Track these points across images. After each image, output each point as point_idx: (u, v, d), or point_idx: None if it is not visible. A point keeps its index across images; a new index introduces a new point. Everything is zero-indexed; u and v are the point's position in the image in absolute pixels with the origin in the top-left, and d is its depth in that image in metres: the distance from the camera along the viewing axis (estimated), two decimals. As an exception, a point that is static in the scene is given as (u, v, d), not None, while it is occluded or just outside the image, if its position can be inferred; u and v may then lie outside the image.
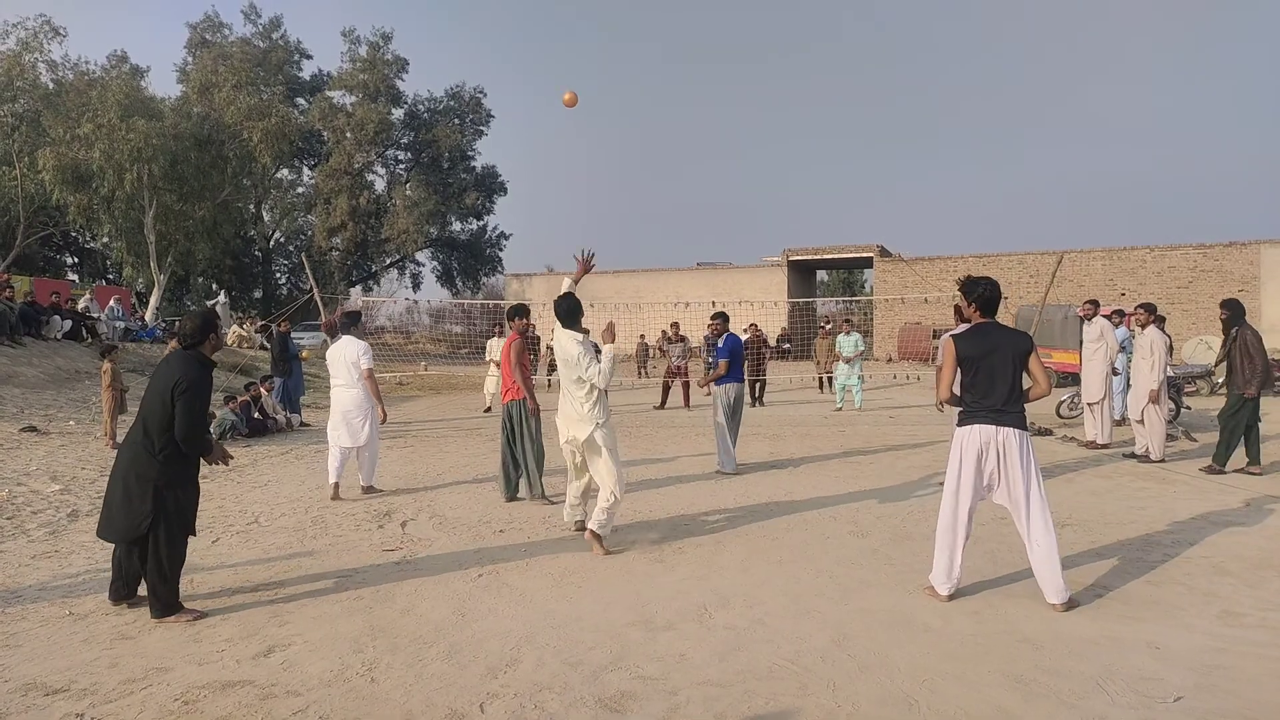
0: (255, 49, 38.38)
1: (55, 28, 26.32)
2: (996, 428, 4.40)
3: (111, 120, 23.54)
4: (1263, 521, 6.22)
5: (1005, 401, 4.40)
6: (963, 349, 4.51)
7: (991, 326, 4.57)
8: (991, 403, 4.41)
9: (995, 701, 3.33)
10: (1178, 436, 10.53)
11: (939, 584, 4.56)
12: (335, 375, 7.66)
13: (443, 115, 42.05)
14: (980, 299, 4.61)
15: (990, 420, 4.41)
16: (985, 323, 4.59)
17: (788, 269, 36.96)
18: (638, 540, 5.90)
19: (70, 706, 3.35)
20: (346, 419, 7.54)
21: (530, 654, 3.86)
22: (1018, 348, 4.46)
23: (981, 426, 4.43)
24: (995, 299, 4.64)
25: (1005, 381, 4.40)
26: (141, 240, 25.80)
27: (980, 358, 4.46)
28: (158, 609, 4.33)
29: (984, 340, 4.49)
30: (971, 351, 4.48)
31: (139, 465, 4.36)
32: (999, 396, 4.40)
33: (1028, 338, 4.56)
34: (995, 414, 4.40)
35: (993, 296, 4.63)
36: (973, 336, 4.54)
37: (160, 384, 4.40)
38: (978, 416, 4.46)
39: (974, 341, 4.50)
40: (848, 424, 12.92)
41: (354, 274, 43.23)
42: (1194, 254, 29.41)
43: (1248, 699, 3.34)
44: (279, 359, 13.34)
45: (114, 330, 18.77)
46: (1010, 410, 4.41)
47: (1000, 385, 4.40)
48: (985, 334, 4.52)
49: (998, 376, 4.41)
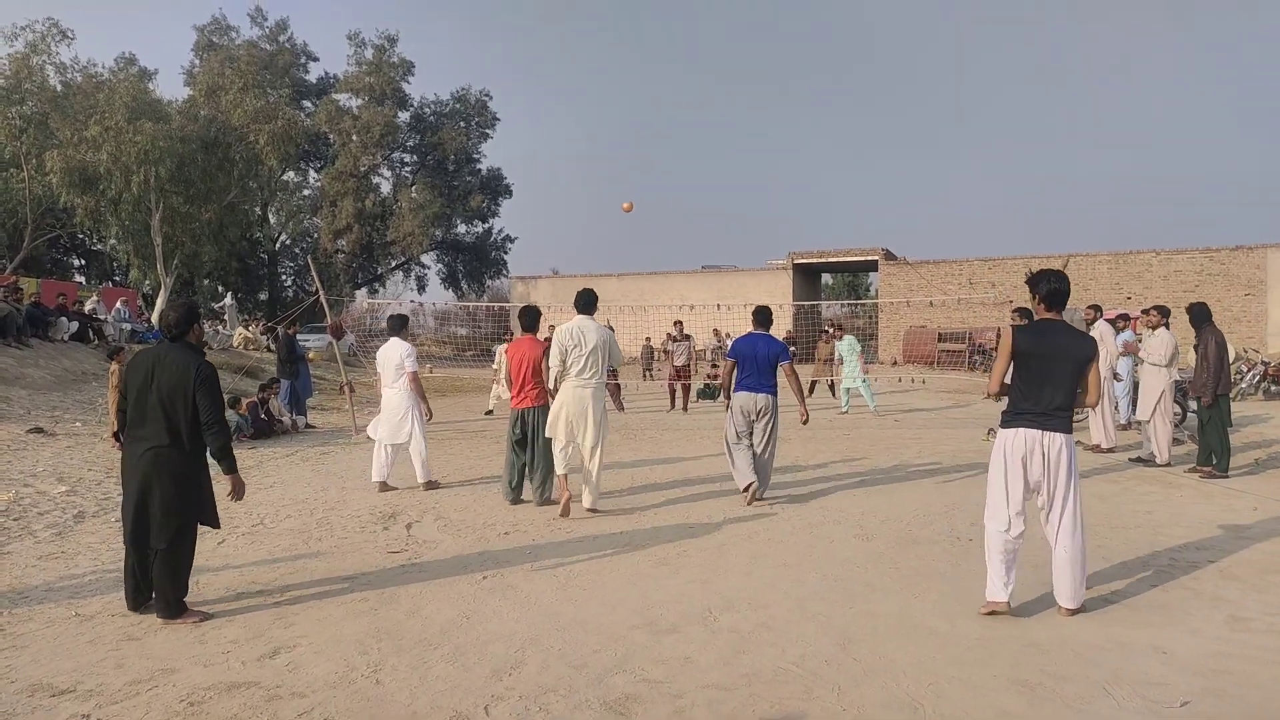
0: (262, 52, 38.47)
1: (63, 30, 26.38)
2: (1043, 432, 4.20)
3: (119, 122, 23.61)
4: (1270, 526, 6.19)
5: (1055, 406, 4.20)
6: (1021, 343, 4.27)
7: (1057, 326, 4.32)
8: (1041, 406, 4.20)
9: (1001, 706, 3.32)
10: (1184, 440, 10.50)
11: (995, 594, 4.30)
12: (383, 376, 8.02)
13: (448, 118, 42.10)
14: (1048, 293, 4.34)
15: (1036, 424, 4.21)
16: (1050, 320, 4.35)
17: (793, 272, 36.91)
18: (642, 543, 5.90)
19: (76, 707, 3.36)
20: (389, 417, 7.88)
21: (535, 656, 3.86)
22: (1080, 353, 4.23)
23: (1027, 431, 4.22)
24: (1064, 294, 4.36)
25: (1059, 386, 4.20)
26: (148, 242, 25.85)
27: (1037, 356, 4.23)
28: (166, 610, 4.32)
29: (1045, 338, 4.25)
30: (1029, 347, 4.25)
31: (173, 467, 4.32)
32: (1049, 400, 4.19)
33: (1093, 343, 4.32)
34: (1042, 417, 4.20)
35: (1060, 291, 4.34)
36: (1034, 332, 4.32)
37: (173, 379, 4.30)
38: (1024, 419, 4.25)
39: (1034, 338, 4.28)
40: (852, 427, 12.90)
41: (359, 276, 43.30)
42: (1200, 258, 29.32)
43: (1254, 704, 3.32)
44: (285, 361, 13.38)
45: (120, 332, 18.84)
46: (1059, 415, 4.22)
47: (1052, 390, 4.19)
48: (1047, 332, 4.29)
49: (1053, 380, 4.19)
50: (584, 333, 6.57)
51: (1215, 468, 8.12)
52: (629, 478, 8.46)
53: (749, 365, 7.14)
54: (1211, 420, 8.13)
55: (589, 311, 6.75)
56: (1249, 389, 16.19)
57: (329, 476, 8.72)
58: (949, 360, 28.05)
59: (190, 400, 4.30)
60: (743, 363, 7.18)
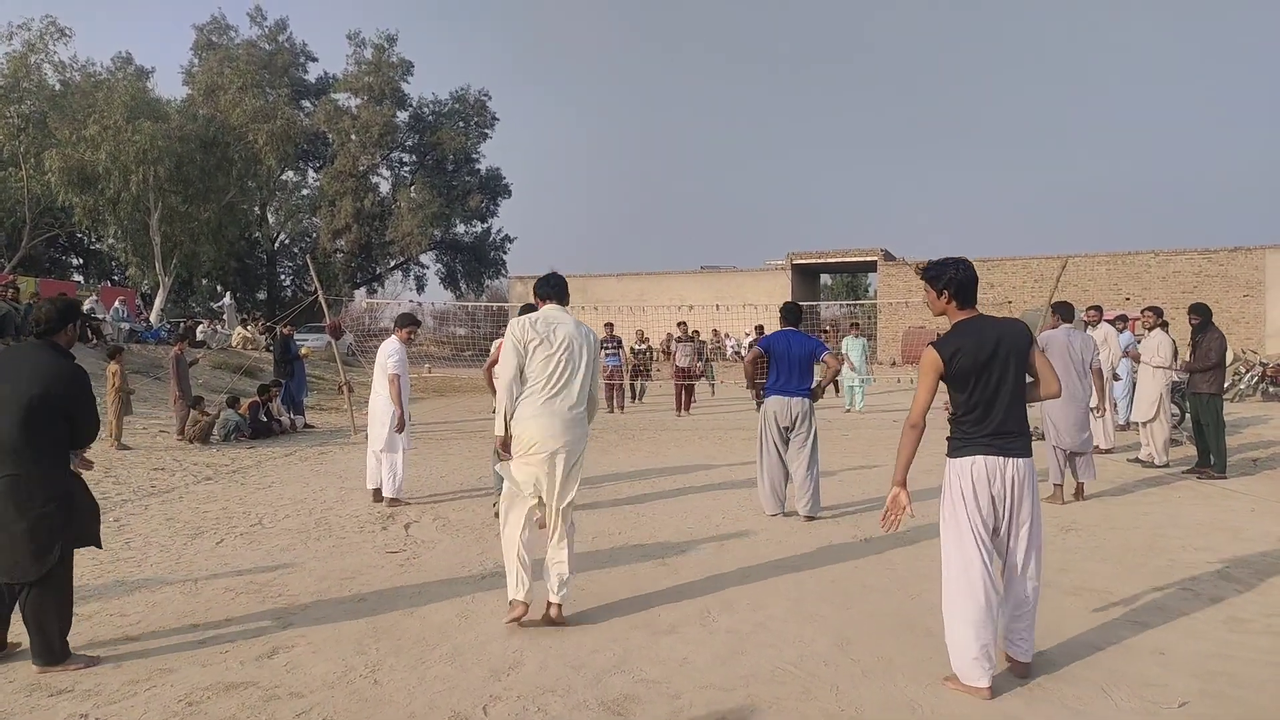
0: (261, 51, 38.48)
1: (61, 29, 26.36)
2: (1004, 458, 3.39)
3: (117, 122, 23.61)
4: (1268, 528, 6.20)
5: (1008, 420, 3.40)
6: (951, 357, 3.39)
7: (981, 322, 3.46)
8: (995, 425, 3.39)
9: (999, 707, 3.32)
10: (1182, 441, 10.51)
11: (967, 674, 3.37)
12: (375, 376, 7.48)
13: (447, 118, 42.10)
14: (954, 284, 3.46)
15: (994, 449, 3.39)
16: (972, 318, 3.47)
17: (792, 272, 36.94)
18: (640, 544, 5.90)
19: (75, 707, 3.35)
20: (373, 422, 7.36)
21: (533, 656, 3.85)
22: (1018, 344, 3.41)
23: (986, 458, 3.40)
24: (973, 281, 3.49)
25: (1007, 395, 3.39)
26: (147, 242, 25.85)
27: (974, 368, 3.37)
28: (45, 655, 3.64)
29: (976, 341, 3.38)
30: (965, 360, 3.37)
31: (27, 487, 3.61)
32: (1000, 415, 3.39)
33: (1024, 328, 3.50)
34: (1001, 439, 3.39)
35: (969, 279, 3.47)
36: (961, 338, 3.42)
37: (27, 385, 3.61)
38: (976, 445, 3.41)
39: (966, 345, 3.39)
40: (851, 428, 12.91)
41: (358, 276, 43.28)
42: (1199, 259, 29.37)
43: (1253, 705, 3.32)
44: (280, 361, 13.40)
45: (119, 332, 18.83)
46: (1019, 432, 3.42)
47: (1002, 400, 3.39)
48: (975, 332, 3.41)
49: (1000, 388, 3.39)
50: (553, 326, 4.32)
51: (1213, 468, 8.14)
52: (627, 478, 8.46)
53: (783, 365, 6.51)
54: (1210, 422, 8.15)
55: (561, 300, 4.53)
56: (1247, 390, 16.20)
57: (327, 476, 8.72)
58: (948, 361, 27.99)
59: (53, 409, 3.66)
60: (776, 363, 6.53)
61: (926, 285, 3.56)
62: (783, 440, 6.63)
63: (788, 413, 6.55)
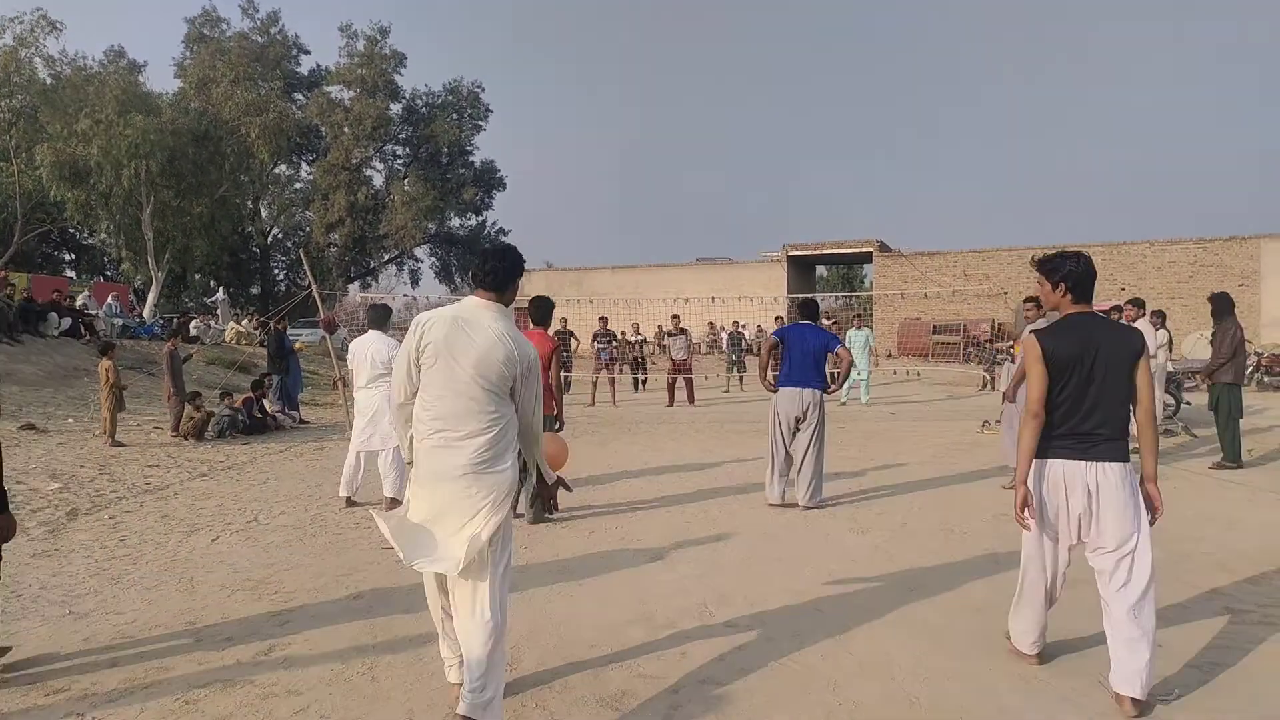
0: (253, 44, 38.26)
1: (52, 22, 26.13)
2: (1086, 463, 3.29)
3: (109, 116, 23.45)
4: (1265, 518, 6.22)
5: (1102, 425, 3.29)
6: (1054, 349, 3.31)
7: (1091, 320, 3.38)
8: (1085, 426, 3.30)
9: (997, 700, 3.33)
10: (1177, 432, 10.54)
11: (1022, 643, 3.68)
12: (357, 374, 6.94)
13: (441, 110, 41.91)
14: (1071, 278, 3.40)
15: (1076, 453, 3.30)
16: (1082, 313, 3.40)
17: (787, 264, 36.89)
18: (638, 539, 5.89)
19: (71, 706, 3.34)
20: (375, 421, 6.84)
21: (531, 652, 3.85)
22: (1126, 349, 3.30)
23: (1065, 462, 3.31)
24: (1091, 278, 3.44)
25: (1106, 397, 3.29)
26: (139, 237, 25.71)
27: (1074, 363, 3.29)
28: None
29: (1082, 337, 3.31)
30: (1067, 353, 3.29)
31: None
32: (1096, 418, 3.29)
33: (1139, 336, 3.41)
34: (1084, 441, 3.30)
35: (1087, 274, 3.42)
36: (1068, 332, 3.35)
37: None
38: (1061, 447, 3.33)
39: (1070, 339, 3.32)
40: (848, 420, 12.92)
41: (352, 270, 43.15)
42: (1194, 249, 29.38)
43: (1249, 696, 3.33)
44: (275, 356, 13.36)
45: (112, 327, 18.76)
46: (1108, 437, 3.29)
47: (1099, 402, 3.29)
48: (1083, 328, 3.34)
49: (1096, 390, 3.28)
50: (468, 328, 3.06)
51: (1225, 457, 8.24)
52: (624, 473, 8.45)
53: (795, 356, 6.70)
54: (1219, 405, 8.30)
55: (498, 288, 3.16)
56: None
57: (323, 472, 8.69)
58: (943, 352, 28.12)
59: None
60: (789, 353, 6.72)
61: (1041, 277, 3.52)
62: (791, 430, 6.76)
63: (798, 403, 6.69)
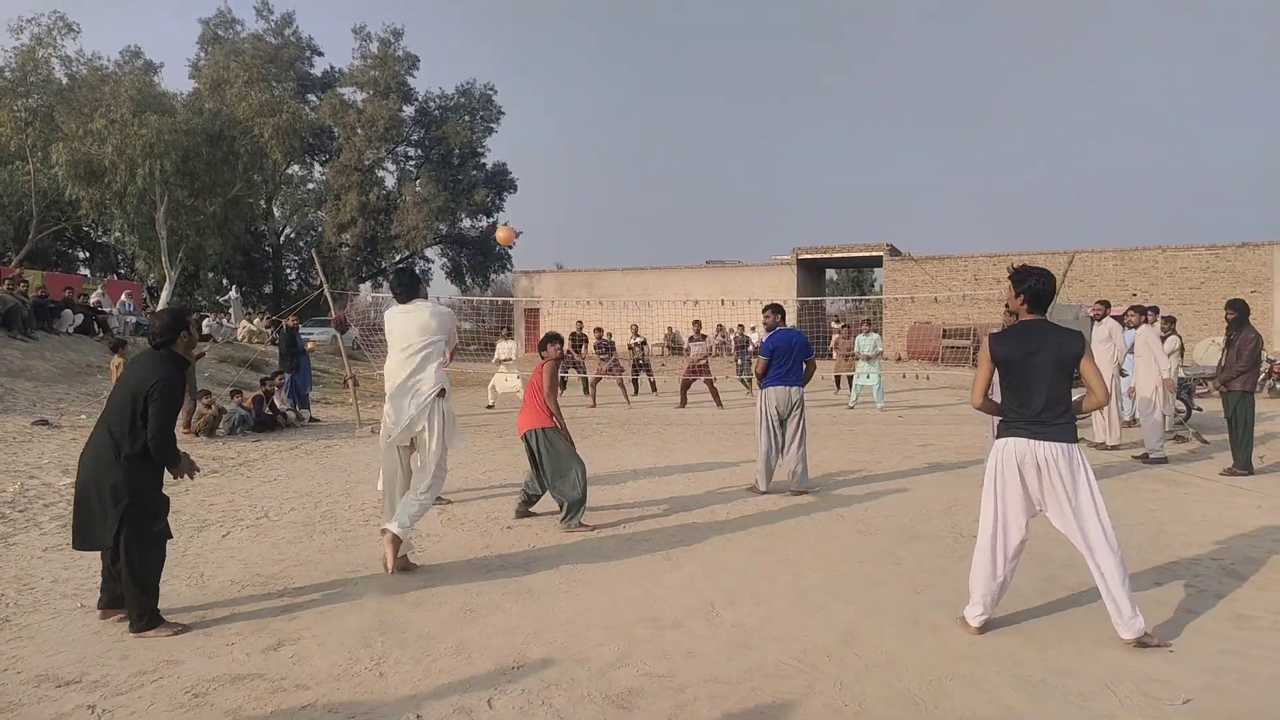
0: (267, 45, 38.48)
1: (69, 23, 26.40)
2: (1032, 440, 3.93)
3: (124, 116, 23.61)
4: (1274, 524, 6.18)
5: (1044, 411, 3.93)
6: (1000, 351, 4.04)
7: (1039, 325, 4.06)
8: (1030, 413, 3.95)
9: (1003, 701, 3.32)
10: (1188, 438, 10.48)
11: (971, 615, 4.11)
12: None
13: (453, 112, 42.07)
14: (1030, 292, 4.08)
15: (1027, 433, 3.95)
16: (1032, 321, 4.09)
17: (797, 268, 36.83)
18: (646, 538, 5.91)
19: (82, 698, 3.37)
20: None
21: (538, 650, 3.87)
22: (1064, 350, 3.94)
23: (1016, 440, 3.98)
24: (1047, 294, 4.11)
25: (1045, 388, 3.93)
26: (153, 235, 25.87)
27: (1020, 361, 3.98)
28: (135, 622, 4.08)
29: (1026, 341, 4.00)
30: (1010, 354, 4.00)
31: (104, 472, 4.07)
32: (1037, 405, 3.94)
33: (1080, 338, 4.01)
34: (1033, 425, 3.93)
35: (1044, 290, 4.09)
36: (1014, 336, 4.07)
37: (131, 386, 4.14)
38: (1015, 428, 4.00)
39: (1015, 342, 4.03)
40: (856, 423, 12.90)
41: (364, 270, 43.33)
42: (1206, 255, 29.19)
43: (1257, 702, 3.32)
44: (286, 354, 13.43)
45: (125, 325, 18.91)
46: (1052, 421, 3.92)
47: (1039, 393, 3.93)
48: (1029, 333, 4.03)
49: (1038, 382, 3.93)
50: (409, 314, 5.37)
51: (1236, 465, 8.18)
52: (632, 473, 8.47)
53: (784, 359, 7.35)
54: (1240, 420, 8.21)
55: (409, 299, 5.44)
56: (1255, 387, 16.14)
57: (333, 470, 8.74)
58: (953, 356, 28.04)
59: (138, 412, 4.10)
60: (781, 357, 7.36)
61: (1011, 284, 4.20)
62: (779, 424, 7.41)
63: (787, 400, 7.37)
